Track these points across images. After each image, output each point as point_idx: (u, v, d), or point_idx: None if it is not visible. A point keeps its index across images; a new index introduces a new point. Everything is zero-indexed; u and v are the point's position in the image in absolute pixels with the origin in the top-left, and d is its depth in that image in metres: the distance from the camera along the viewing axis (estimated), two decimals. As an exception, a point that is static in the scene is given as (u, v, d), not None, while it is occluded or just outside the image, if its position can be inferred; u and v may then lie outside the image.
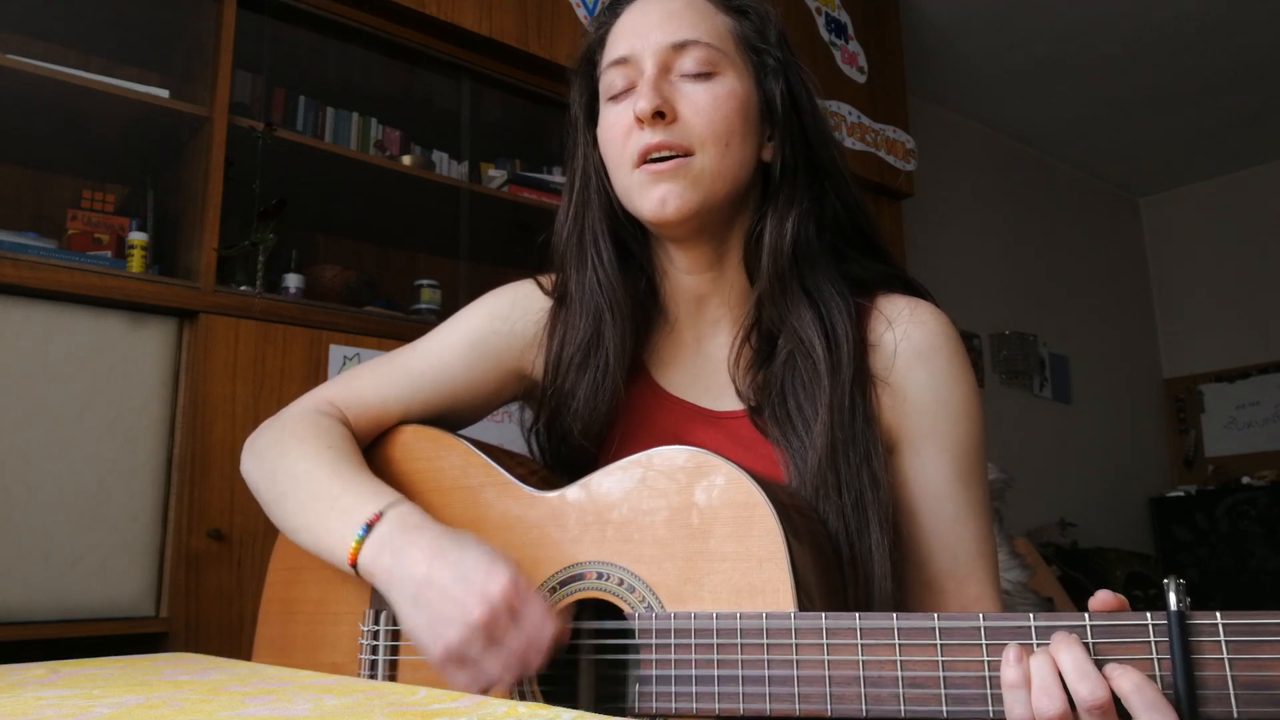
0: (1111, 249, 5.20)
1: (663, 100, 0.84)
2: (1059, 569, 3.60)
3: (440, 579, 0.73)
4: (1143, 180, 5.26)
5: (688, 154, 0.84)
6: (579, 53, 0.96)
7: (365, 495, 0.82)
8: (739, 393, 0.88)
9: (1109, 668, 0.57)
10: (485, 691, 0.73)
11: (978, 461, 0.87)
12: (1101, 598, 0.60)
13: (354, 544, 0.79)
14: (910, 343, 0.86)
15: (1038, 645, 0.59)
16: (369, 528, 0.79)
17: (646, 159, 0.84)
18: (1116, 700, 0.56)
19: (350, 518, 0.81)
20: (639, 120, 0.84)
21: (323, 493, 0.85)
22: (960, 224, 4.28)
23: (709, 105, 0.84)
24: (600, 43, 0.93)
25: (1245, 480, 4.65)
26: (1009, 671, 0.59)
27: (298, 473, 0.87)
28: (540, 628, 0.72)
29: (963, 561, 0.85)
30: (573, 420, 0.91)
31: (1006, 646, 0.60)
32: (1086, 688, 0.56)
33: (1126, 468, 4.89)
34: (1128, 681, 0.56)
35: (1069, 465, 4.50)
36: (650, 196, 0.85)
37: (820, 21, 3.16)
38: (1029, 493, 3.94)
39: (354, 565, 0.80)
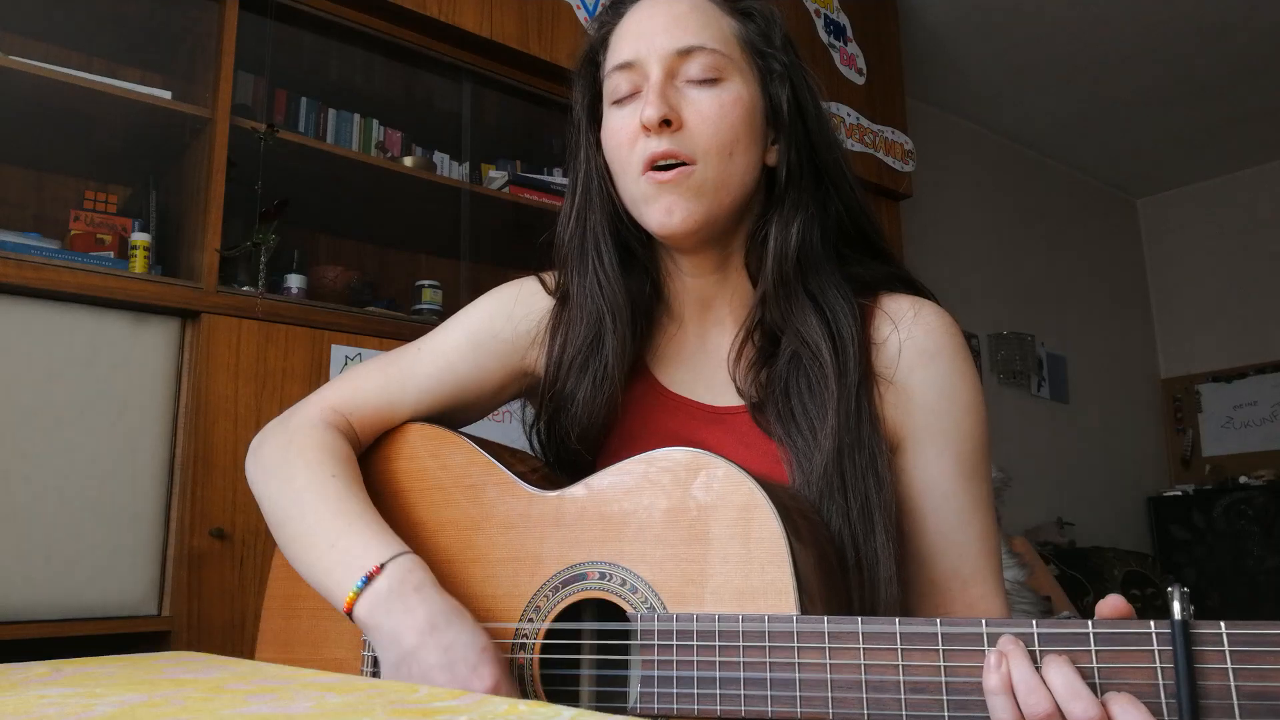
0: (1109, 249, 5.20)
1: (669, 108, 0.83)
2: (1057, 568, 3.61)
3: (427, 659, 0.71)
4: (1140, 181, 5.26)
5: (691, 163, 0.83)
6: (581, 53, 0.95)
7: (367, 542, 0.80)
8: (740, 389, 0.88)
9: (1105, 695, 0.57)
10: None
11: (982, 460, 0.87)
12: (1111, 603, 0.59)
13: (351, 594, 0.77)
14: (914, 343, 0.86)
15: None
16: (369, 579, 0.77)
17: (652, 166, 0.84)
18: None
19: (350, 565, 0.78)
20: (645, 128, 0.83)
21: (325, 531, 0.82)
22: (958, 225, 4.28)
23: (715, 113, 0.84)
24: (603, 43, 0.92)
25: (1242, 480, 4.66)
26: (991, 677, 0.59)
27: (302, 502, 0.85)
28: None
29: (968, 560, 0.85)
30: (571, 424, 0.90)
31: (987, 653, 0.59)
32: (1080, 706, 0.56)
33: (1124, 467, 4.89)
34: (1117, 706, 0.56)
35: (1067, 465, 4.51)
36: (656, 207, 0.84)
37: (819, 23, 3.16)
38: (1027, 492, 3.95)
39: (349, 613, 0.78)
